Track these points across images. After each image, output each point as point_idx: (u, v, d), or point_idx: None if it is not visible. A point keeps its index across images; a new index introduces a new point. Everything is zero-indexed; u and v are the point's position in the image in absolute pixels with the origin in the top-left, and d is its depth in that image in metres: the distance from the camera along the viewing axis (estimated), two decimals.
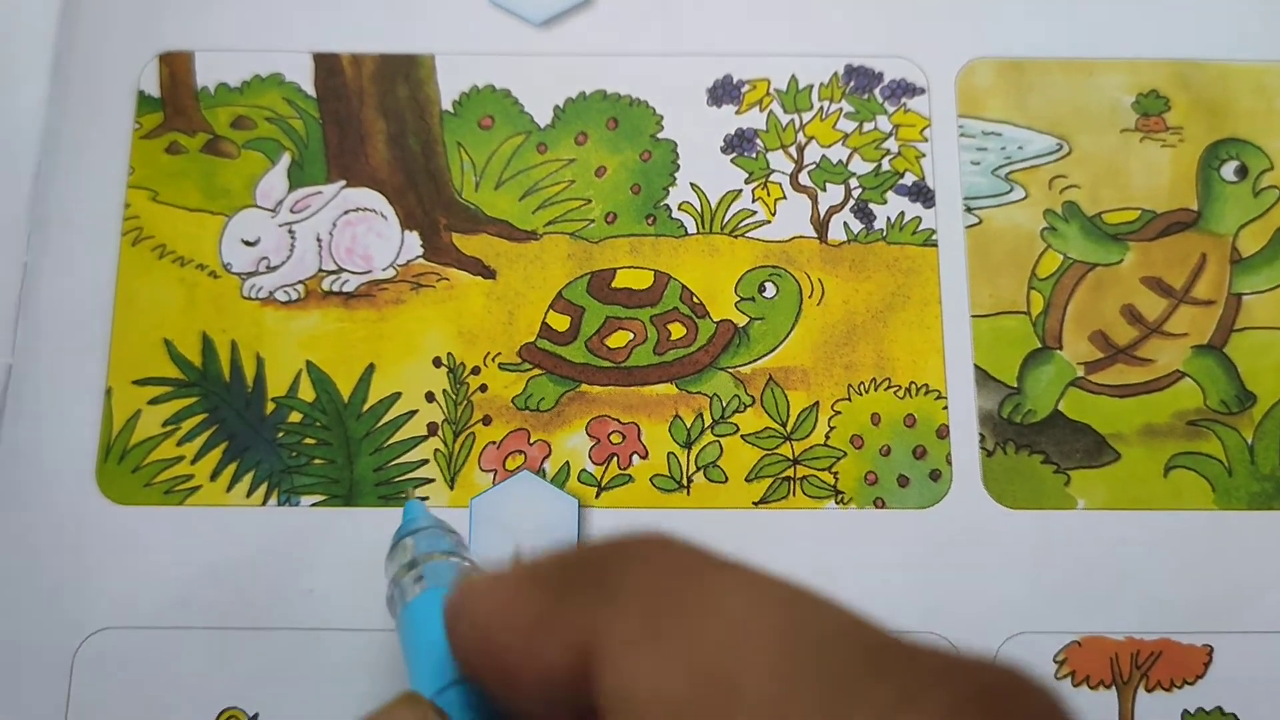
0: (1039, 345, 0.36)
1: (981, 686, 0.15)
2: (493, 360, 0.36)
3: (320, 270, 0.37)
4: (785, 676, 0.15)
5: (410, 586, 0.27)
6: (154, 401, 0.35)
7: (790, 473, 0.35)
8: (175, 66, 0.38)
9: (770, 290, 0.37)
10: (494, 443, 0.35)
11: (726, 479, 0.35)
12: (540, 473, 0.35)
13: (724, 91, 0.38)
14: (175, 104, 0.38)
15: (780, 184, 0.38)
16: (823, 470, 0.35)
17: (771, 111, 0.38)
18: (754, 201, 0.37)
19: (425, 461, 0.35)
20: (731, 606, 0.16)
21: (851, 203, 0.37)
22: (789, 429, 0.35)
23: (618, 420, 0.35)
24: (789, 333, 0.36)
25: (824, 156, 0.38)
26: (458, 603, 0.21)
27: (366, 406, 0.35)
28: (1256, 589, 0.34)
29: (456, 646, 0.20)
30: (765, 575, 0.17)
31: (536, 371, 0.36)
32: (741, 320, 0.36)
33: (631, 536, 0.19)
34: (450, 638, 0.21)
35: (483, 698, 0.20)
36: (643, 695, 0.16)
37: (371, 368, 0.36)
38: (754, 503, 0.35)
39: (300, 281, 0.37)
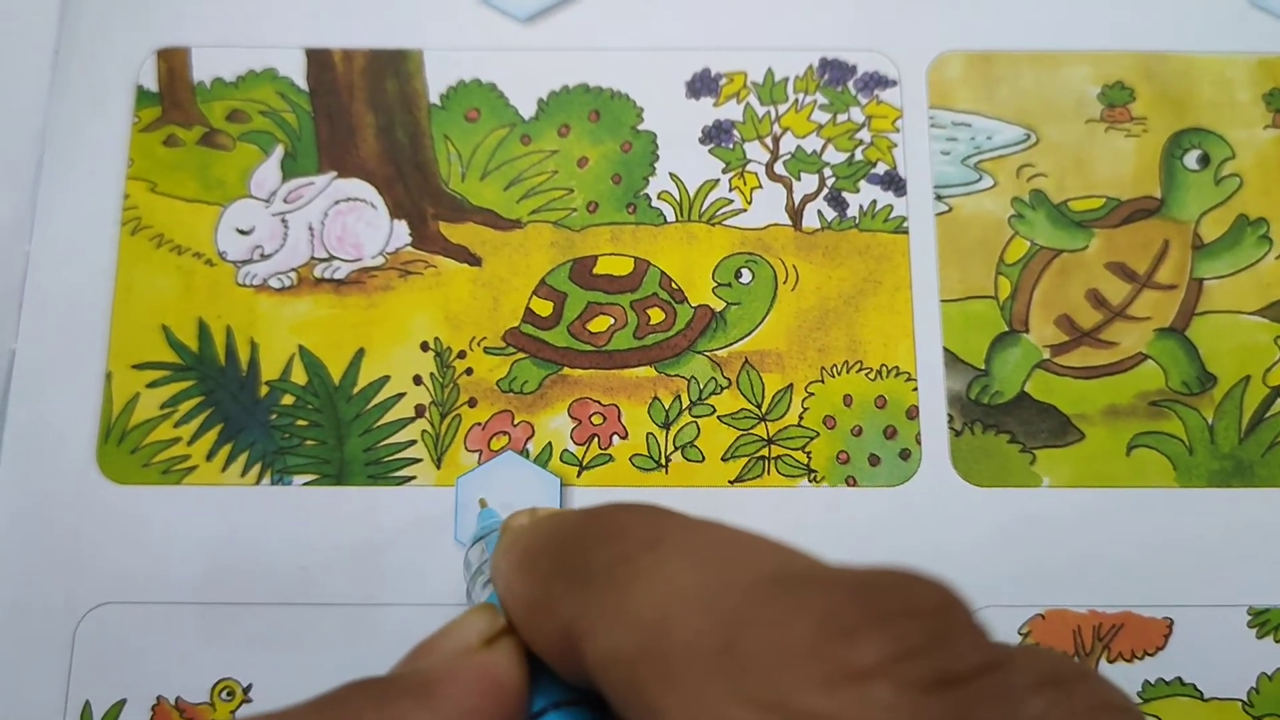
0: (1006, 329, 0.37)
1: (865, 581, 0.16)
2: (478, 344, 0.37)
3: (312, 258, 0.38)
4: (705, 609, 0.16)
5: (479, 593, 0.28)
6: (152, 385, 0.36)
7: (765, 452, 0.36)
8: (172, 62, 0.40)
9: (746, 276, 0.38)
10: (479, 424, 0.36)
11: (703, 458, 0.36)
12: (524, 453, 0.36)
13: (702, 84, 0.40)
14: (173, 98, 0.39)
15: (756, 173, 0.39)
16: (796, 450, 0.36)
17: (748, 103, 0.39)
18: (731, 190, 0.39)
19: (413, 442, 0.36)
20: (674, 568, 0.18)
21: (825, 191, 0.39)
22: (764, 410, 0.36)
23: (599, 402, 0.37)
24: (764, 317, 0.37)
25: (799, 147, 0.39)
26: (492, 573, 0.23)
27: (356, 389, 0.37)
28: (1215, 563, 0.35)
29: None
30: (707, 533, 0.19)
31: (520, 355, 0.37)
32: (719, 305, 0.38)
33: (603, 512, 0.21)
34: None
35: (550, 684, 0.22)
36: (607, 663, 0.18)
37: (361, 352, 0.37)
38: (730, 481, 0.36)
39: (293, 269, 0.38)
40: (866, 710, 0.15)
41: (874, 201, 0.38)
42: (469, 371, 0.37)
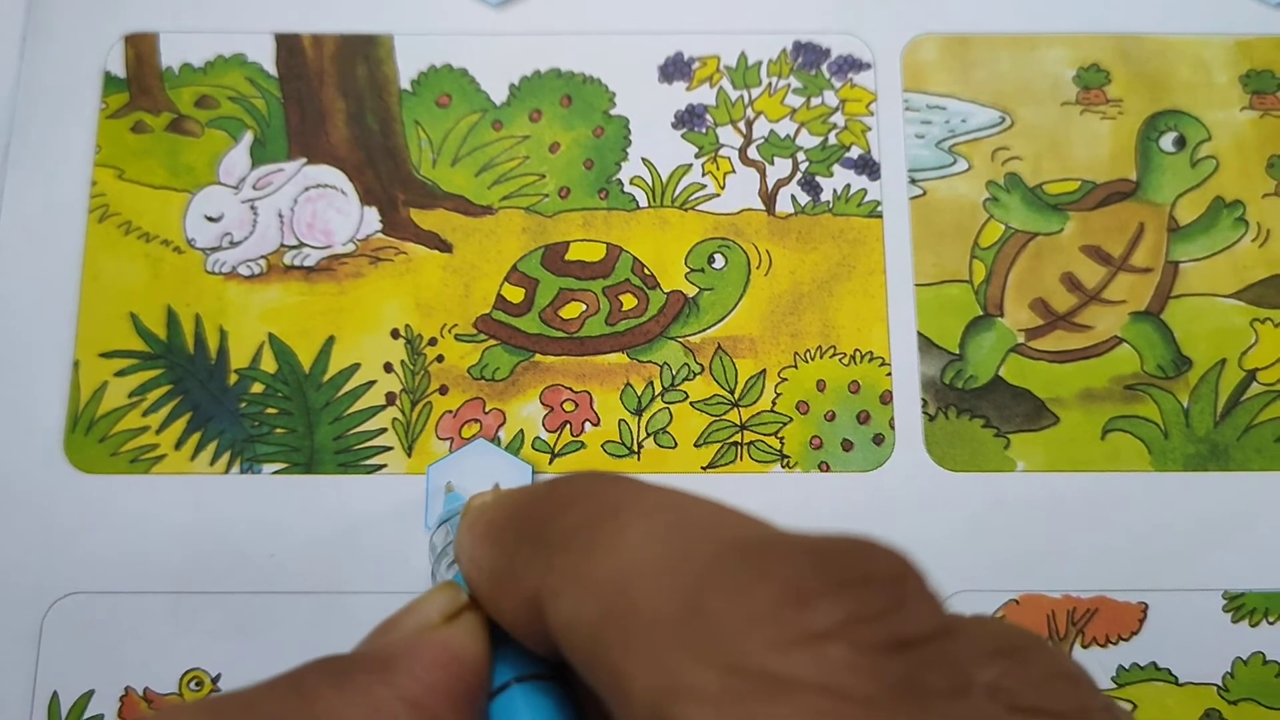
0: (981, 313, 0.37)
1: (824, 548, 0.16)
2: (449, 331, 0.37)
3: (282, 245, 0.38)
4: (667, 574, 0.17)
5: (444, 574, 0.28)
6: (120, 373, 0.36)
7: (738, 438, 0.36)
8: (140, 47, 0.39)
9: (719, 261, 0.37)
10: (450, 411, 0.36)
11: (676, 444, 0.36)
12: (495, 440, 0.36)
13: (675, 68, 0.39)
14: (140, 84, 0.39)
15: (729, 158, 0.38)
16: (769, 435, 0.36)
17: (721, 87, 0.39)
18: (704, 175, 0.38)
19: (383, 430, 0.36)
20: (635, 534, 0.18)
21: (799, 176, 0.38)
22: (737, 396, 0.36)
23: (570, 389, 0.36)
24: (737, 303, 0.37)
25: (772, 131, 0.39)
26: (455, 549, 0.24)
27: (326, 377, 0.36)
28: (1190, 548, 0.35)
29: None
30: (669, 499, 0.19)
31: (492, 342, 0.37)
32: (691, 291, 0.37)
33: (567, 481, 0.21)
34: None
35: (512, 659, 0.22)
36: (571, 628, 0.18)
37: (331, 339, 0.37)
38: (702, 467, 0.36)
39: (262, 256, 0.37)
40: (823, 670, 0.15)
41: (848, 186, 0.38)
42: (440, 359, 0.36)
